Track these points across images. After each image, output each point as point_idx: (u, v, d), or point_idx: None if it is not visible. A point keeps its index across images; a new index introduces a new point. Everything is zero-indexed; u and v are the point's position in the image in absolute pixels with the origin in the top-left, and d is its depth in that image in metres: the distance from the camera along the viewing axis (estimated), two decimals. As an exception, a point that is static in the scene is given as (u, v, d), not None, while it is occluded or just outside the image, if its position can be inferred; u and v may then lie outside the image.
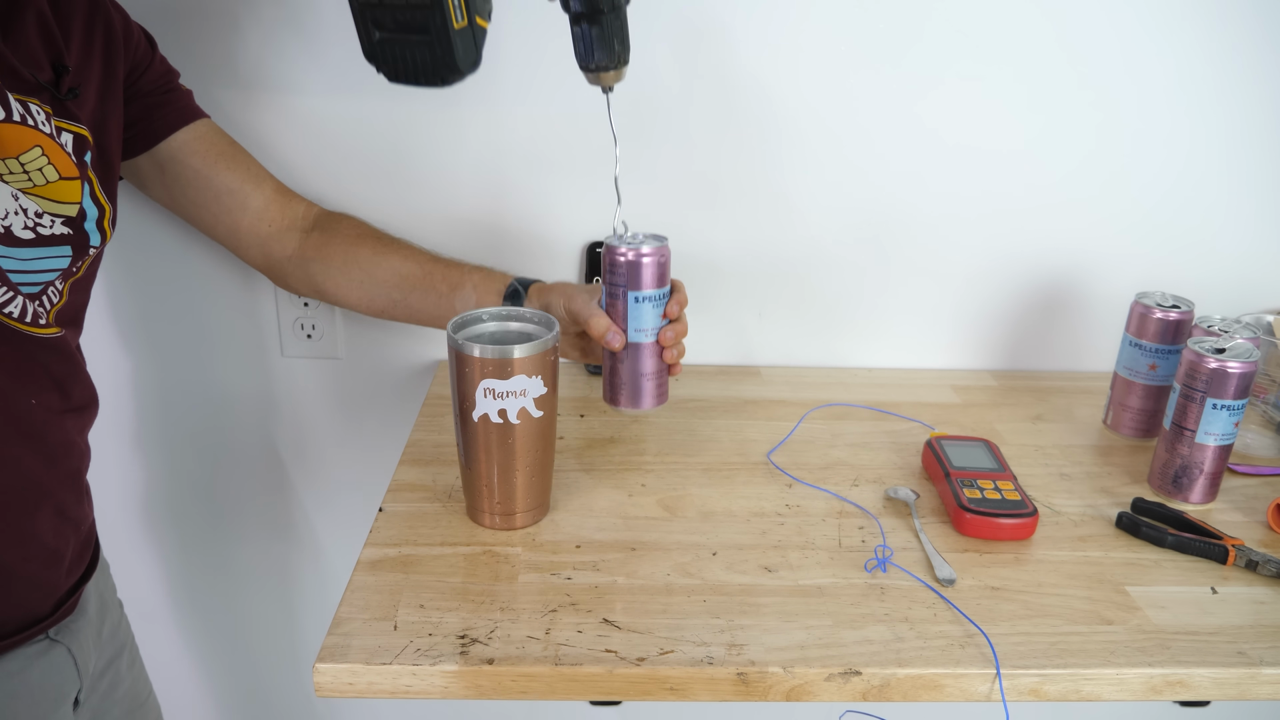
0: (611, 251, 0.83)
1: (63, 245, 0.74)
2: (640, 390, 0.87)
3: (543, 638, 0.68)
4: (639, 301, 0.84)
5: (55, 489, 0.77)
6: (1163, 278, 1.14)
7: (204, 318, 1.15)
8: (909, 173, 1.11)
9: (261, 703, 1.40)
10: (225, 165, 0.94)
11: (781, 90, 1.06)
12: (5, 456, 0.72)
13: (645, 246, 0.83)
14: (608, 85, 0.77)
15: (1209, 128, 1.10)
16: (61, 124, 0.74)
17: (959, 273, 1.16)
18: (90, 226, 0.76)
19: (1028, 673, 0.67)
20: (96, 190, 0.77)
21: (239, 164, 0.95)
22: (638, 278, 0.83)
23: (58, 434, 0.77)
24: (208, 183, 0.93)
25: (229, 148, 0.95)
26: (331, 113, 1.06)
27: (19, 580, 0.74)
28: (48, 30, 0.74)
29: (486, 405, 0.76)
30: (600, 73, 0.75)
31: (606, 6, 0.71)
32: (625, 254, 0.83)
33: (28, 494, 0.74)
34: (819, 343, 1.19)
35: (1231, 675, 0.68)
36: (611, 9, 0.72)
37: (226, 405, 1.20)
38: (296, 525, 1.28)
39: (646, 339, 0.85)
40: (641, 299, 0.84)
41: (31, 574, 0.75)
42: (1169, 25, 1.05)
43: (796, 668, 0.66)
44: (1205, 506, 0.89)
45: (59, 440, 0.78)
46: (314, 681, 0.66)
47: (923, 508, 0.87)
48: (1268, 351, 1.02)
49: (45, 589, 0.77)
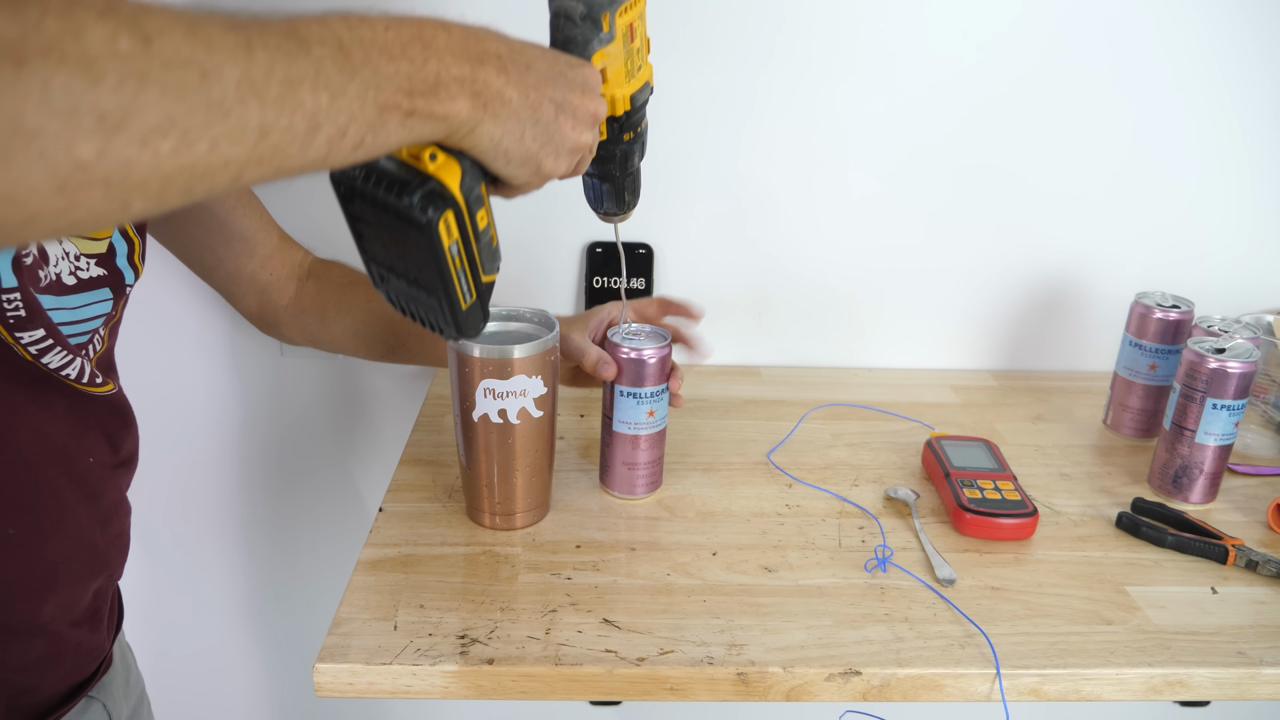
0: (614, 348, 0.83)
1: (102, 288, 0.69)
2: (631, 480, 0.86)
3: (543, 638, 0.68)
4: (624, 396, 0.83)
5: (107, 551, 0.74)
6: (1163, 278, 1.14)
7: (204, 318, 1.15)
8: (909, 173, 1.11)
9: (261, 703, 1.40)
10: (242, 210, 0.88)
11: (781, 90, 1.06)
12: (67, 520, 0.69)
13: (647, 348, 0.82)
14: (615, 225, 0.78)
15: (1209, 128, 1.10)
16: None
17: (959, 273, 1.16)
18: (122, 263, 0.72)
19: (1028, 673, 0.67)
20: (125, 224, 0.73)
21: (254, 209, 0.90)
22: (634, 375, 0.82)
23: (112, 492, 0.74)
24: (221, 226, 0.88)
25: (246, 191, 0.89)
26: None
27: (70, 648, 0.71)
28: None
29: (486, 405, 0.76)
30: (609, 217, 0.76)
31: (619, 171, 0.72)
32: (627, 353, 0.82)
33: (83, 559, 0.71)
34: (819, 343, 1.19)
35: (1231, 675, 0.68)
36: (624, 172, 0.72)
37: (226, 405, 1.20)
38: (296, 525, 1.28)
39: (630, 431, 0.84)
40: (627, 394, 0.83)
41: (81, 639, 0.73)
42: (1169, 25, 1.05)
43: (796, 668, 0.66)
44: (1205, 506, 0.89)
45: (113, 499, 0.75)
46: (314, 681, 0.66)
47: (923, 508, 0.87)
48: (1268, 351, 1.02)
49: (92, 652, 0.75)
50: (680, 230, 1.13)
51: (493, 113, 0.51)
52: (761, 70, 1.05)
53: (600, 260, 1.13)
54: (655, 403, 0.83)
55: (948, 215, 1.13)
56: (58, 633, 0.70)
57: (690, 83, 1.06)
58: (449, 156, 0.52)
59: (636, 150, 0.71)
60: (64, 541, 0.69)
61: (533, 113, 0.53)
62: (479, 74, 0.50)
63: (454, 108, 0.49)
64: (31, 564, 0.67)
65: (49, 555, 0.68)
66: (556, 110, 0.55)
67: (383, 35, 0.46)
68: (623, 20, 0.63)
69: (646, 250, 1.13)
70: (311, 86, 0.41)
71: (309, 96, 0.41)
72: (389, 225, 0.54)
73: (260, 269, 0.92)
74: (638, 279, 1.13)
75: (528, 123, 0.53)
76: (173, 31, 0.36)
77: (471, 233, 0.55)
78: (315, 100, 0.41)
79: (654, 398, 0.83)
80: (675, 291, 1.15)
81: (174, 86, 0.36)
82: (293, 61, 0.40)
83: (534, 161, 0.55)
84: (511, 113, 0.52)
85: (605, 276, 1.13)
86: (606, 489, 0.88)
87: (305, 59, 0.41)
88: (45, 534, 0.67)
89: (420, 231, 0.52)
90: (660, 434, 0.85)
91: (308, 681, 1.36)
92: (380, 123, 0.45)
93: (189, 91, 0.36)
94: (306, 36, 0.42)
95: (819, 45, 1.05)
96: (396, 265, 0.57)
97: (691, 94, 1.06)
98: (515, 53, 0.53)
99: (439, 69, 0.48)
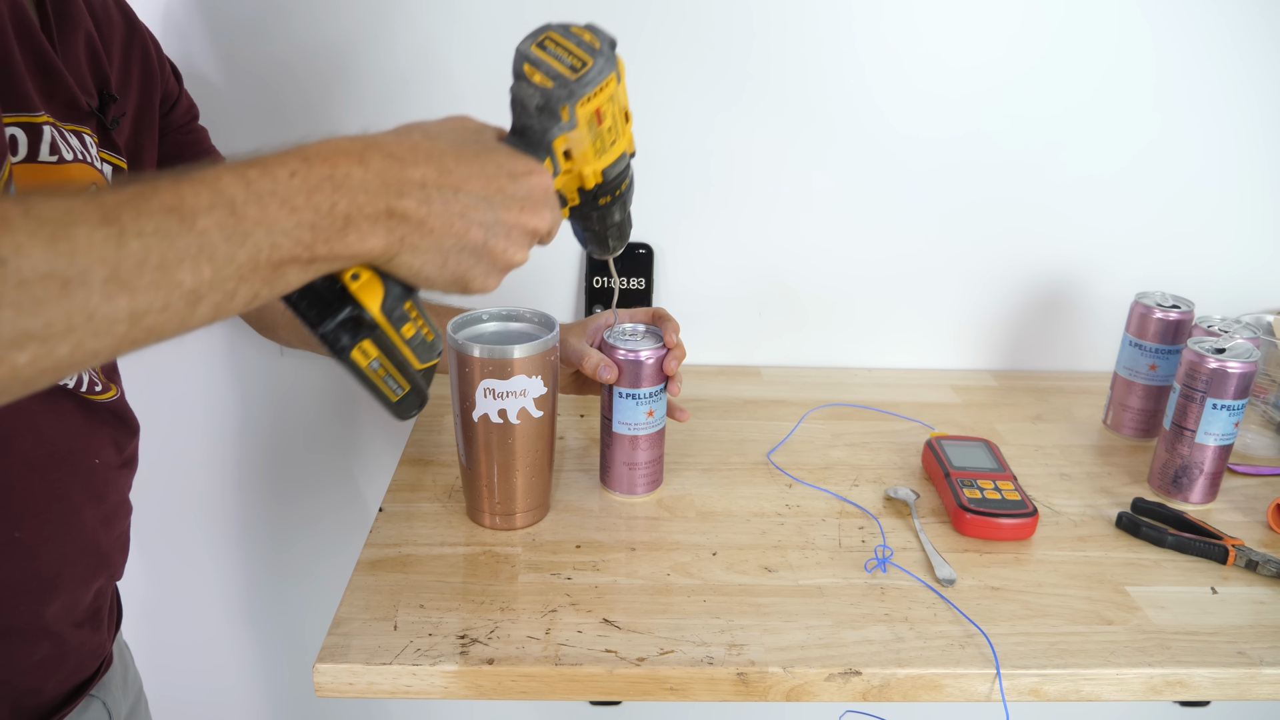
0: (610, 350, 0.83)
1: None
2: (632, 479, 0.86)
3: (543, 638, 0.68)
4: (622, 397, 0.83)
5: (110, 552, 0.75)
6: (1163, 278, 1.14)
7: (204, 318, 1.15)
8: (909, 173, 1.11)
9: (261, 703, 1.40)
10: None
11: (780, 90, 1.06)
12: (73, 522, 0.69)
13: (644, 349, 0.82)
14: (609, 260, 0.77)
15: (1209, 128, 1.10)
16: (105, 155, 0.69)
17: (959, 273, 1.16)
18: None
19: (1028, 673, 0.67)
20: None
21: None
22: (631, 376, 0.82)
23: (115, 493, 0.75)
24: None
25: None
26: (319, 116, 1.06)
27: (73, 649, 0.72)
28: (95, 52, 0.70)
29: (486, 405, 0.76)
30: (596, 258, 0.74)
31: (598, 226, 0.70)
32: (624, 354, 0.82)
33: (87, 560, 0.71)
34: (819, 343, 1.19)
35: (1231, 675, 0.68)
36: (604, 225, 0.70)
37: (226, 405, 1.20)
38: (296, 525, 1.28)
39: (629, 431, 0.84)
40: (625, 395, 0.83)
41: (83, 640, 0.73)
42: (1169, 26, 1.05)
43: (796, 668, 0.66)
44: (1205, 506, 0.89)
45: (115, 500, 0.75)
46: (314, 681, 0.66)
47: (923, 508, 0.87)
48: (1268, 351, 1.02)
49: (93, 652, 0.75)
50: (680, 230, 1.13)
51: (410, 245, 0.49)
52: (762, 70, 1.05)
53: (600, 260, 1.12)
54: (653, 403, 0.83)
55: (948, 215, 1.13)
56: (61, 634, 0.70)
57: (691, 82, 1.06)
58: (373, 275, 0.52)
59: (616, 208, 0.69)
60: (69, 543, 0.69)
61: (457, 240, 0.51)
62: (397, 207, 0.48)
63: (364, 247, 0.47)
64: (37, 566, 0.67)
65: (55, 557, 0.68)
66: (486, 233, 0.53)
67: (286, 184, 0.44)
68: (586, 109, 0.60)
69: (646, 250, 1.13)
70: (193, 263, 0.40)
71: (189, 274, 0.40)
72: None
73: None
74: (638, 279, 1.13)
75: (450, 251, 0.51)
76: (32, 247, 0.36)
77: (398, 342, 0.55)
78: (196, 275, 0.40)
79: (652, 398, 0.83)
80: (675, 292, 1.15)
81: (29, 303, 0.35)
82: (172, 243, 0.39)
83: (460, 283, 0.54)
84: (433, 243, 0.50)
85: (605, 277, 1.13)
86: (607, 488, 0.88)
87: (187, 235, 0.40)
88: (51, 536, 0.67)
89: (337, 356, 0.53)
90: (659, 433, 0.85)
91: (307, 681, 1.36)
92: (276, 276, 0.44)
93: (46, 304, 0.36)
94: (193, 207, 0.41)
95: (821, 44, 1.05)
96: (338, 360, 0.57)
97: (692, 93, 1.06)
98: (444, 176, 0.51)
99: (349, 208, 0.46)
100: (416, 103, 1.06)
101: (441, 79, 1.05)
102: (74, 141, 0.64)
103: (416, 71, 1.04)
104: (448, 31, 1.03)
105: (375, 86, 1.05)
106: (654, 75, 1.05)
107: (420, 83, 1.05)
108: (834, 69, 1.06)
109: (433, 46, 1.03)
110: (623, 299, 1.14)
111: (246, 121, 1.04)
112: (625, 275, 1.13)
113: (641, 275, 1.13)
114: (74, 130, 0.65)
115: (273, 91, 1.04)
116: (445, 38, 1.03)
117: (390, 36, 1.03)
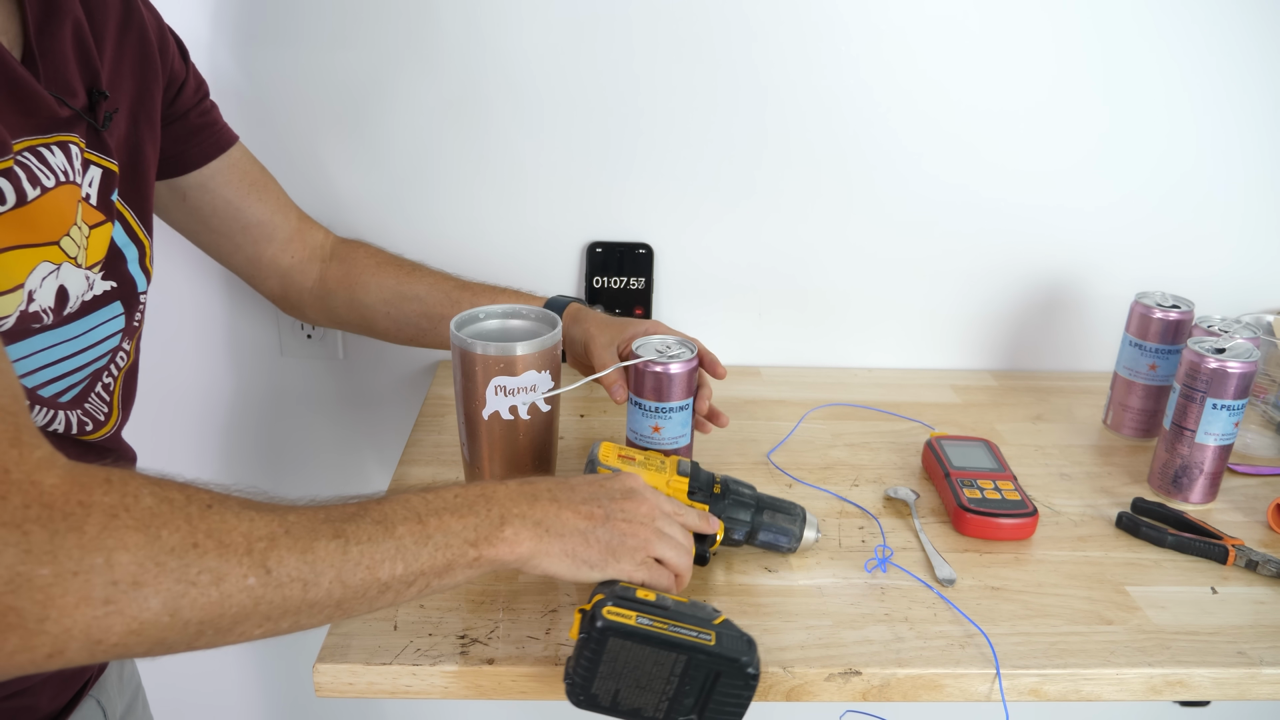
0: (630, 353, 0.83)
1: (112, 303, 0.68)
2: None
3: (543, 638, 0.68)
4: (633, 404, 0.83)
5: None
6: (1163, 278, 1.14)
7: (204, 318, 1.15)
8: (909, 173, 1.11)
9: (261, 702, 1.40)
10: (257, 196, 0.88)
11: (782, 89, 1.06)
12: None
13: (674, 364, 0.81)
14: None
15: (1209, 128, 1.10)
16: (91, 157, 0.66)
17: (959, 273, 1.16)
18: (134, 269, 0.70)
19: (1028, 673, 0.67)
20: (134, 225, 0.71)
21: (270, 194, 0.89)
22: (637, 385, 0.82)
23: None
24: (237, 214, 0.87)
25: (260, 176, 0.89)
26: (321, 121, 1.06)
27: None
28: (84, 45, 0.66)
29: (497, 403, 0.76)
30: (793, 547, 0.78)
31: (750, 516, 0.76)
32: (637, 361, 0.81)
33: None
34: (819, 343, 1.19)
35: (1231, 675, 0.68)
36: (759, 513, 0.77)
37: (227, 405, 1.20)
38: (296, 525, 1.27)
39: (636, 440, 0.84)
40: (635, 402, 0.83)
41: None
42: (1168, 26, 1.05)
43: (796, 668, 0.66)
44: (1205, 506, 0.89)
45: None
46: (314, 681, 0.66)
47: (923, 508, 0.87)
48: (1268, 351, 1.02)
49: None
50: (680, 230, 1.13)
51: (556, 533, 0.61)
52: (763, 69, 1.05)
53: (600, 260, 1.13)
54: (660, 418, 0.83)
55: (948, 215, 1.13)
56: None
57: (691, 82, 1.06)
58: (592, 605, 0.61)
59: (744, 494, 0.76)
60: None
61: (587, 523, 0.63)
62: (535, 508, 0.61)
63: (517, 548, 0.59)
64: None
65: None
66: (606, 515, 0.64)
67: (452, 500, 0.58)
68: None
69: (646, 250, 1.13)
70: (391, 563, 0.53)
71: (386, 570, 0.53)
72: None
73: (280, 253, 0.92)
74: (638, 279, 1.13)
75: (586, 532, 0.62)
76: (288, 558, 0.49)
77: (645, 607, 0.61)
78: (391, 571, 0.53)
79: (659, 413, 0.82)
80: (675, 291, 1.15)
81: (279, 600, 0.48)
82: (378, 546, 0.52)
83: (601, 565, 0.63)
84: (572, 528, 0.62)
85: (605, 276, 1.13)
86: None
87: (389, 541, 0.53)
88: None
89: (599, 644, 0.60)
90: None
91: (307, 681, 1.36)
92: (446, 571, 0.56)
93: (291, 599, 0.49)
94: (392, 519, 0.54)
95: (821, 45, 1.05)
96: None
97: (693, 93, 1.06)
98: (560, 486, 0.64)
99: (503, 511, 0.59)
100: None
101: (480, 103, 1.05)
102: (56, 159, 0.62)
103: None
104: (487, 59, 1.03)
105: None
106: (654, 75, 1.05)
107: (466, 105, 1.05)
108: (835, 69, 1.06)
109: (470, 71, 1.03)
110: (622, 299, 1.14)
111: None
112: (625, 275, 1.13)
113: (641, 275, 1.13)
114: (58, 142, 0.62)
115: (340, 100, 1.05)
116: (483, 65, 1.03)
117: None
